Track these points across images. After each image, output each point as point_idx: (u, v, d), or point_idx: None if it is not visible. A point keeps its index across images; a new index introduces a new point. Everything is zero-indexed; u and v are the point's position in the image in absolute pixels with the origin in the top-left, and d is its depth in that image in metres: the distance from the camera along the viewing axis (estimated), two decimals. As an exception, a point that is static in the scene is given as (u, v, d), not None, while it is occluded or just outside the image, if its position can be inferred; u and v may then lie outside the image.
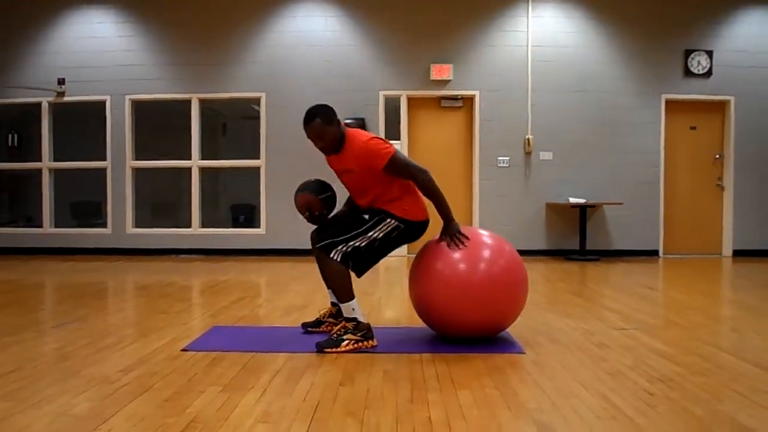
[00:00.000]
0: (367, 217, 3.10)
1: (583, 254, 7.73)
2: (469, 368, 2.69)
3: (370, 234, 3.06)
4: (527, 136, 8.09)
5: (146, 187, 9.17)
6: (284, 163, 8.25)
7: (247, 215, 10.37)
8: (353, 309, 3.03)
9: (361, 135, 3.13)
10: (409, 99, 8.26)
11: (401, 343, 3.17)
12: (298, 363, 2.79)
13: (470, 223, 8.04)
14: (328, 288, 3.37)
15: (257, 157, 8.36)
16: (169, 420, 2.06)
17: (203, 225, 8.49)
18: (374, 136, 3.13)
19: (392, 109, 8.36)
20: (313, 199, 3.32)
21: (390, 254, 3.26)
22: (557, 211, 8.13)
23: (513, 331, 3.41)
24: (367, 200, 3.20)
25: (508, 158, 8.12)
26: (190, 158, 8.45)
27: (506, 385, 2.45)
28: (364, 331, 3.03)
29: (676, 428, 1.99)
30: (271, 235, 8.24)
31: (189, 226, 8.44)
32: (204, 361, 2.81)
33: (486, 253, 3.00)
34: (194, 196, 8.42)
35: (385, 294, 4.92)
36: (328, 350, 2.96)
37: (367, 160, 3.05)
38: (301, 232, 8.13)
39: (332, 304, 3.45)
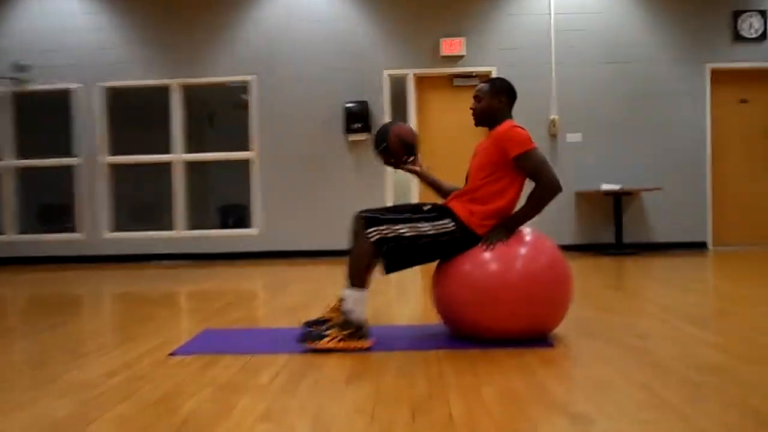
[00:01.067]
0: (428, 207, 3.13)
1: (619, 248, 7.76)
2: (492, 364, 2.73)
3: (421, 226, 3.06)
4: (552, 117, 8.13)
5: (124, 186, 9.26)
6: (279, 154, 8.32)
7: (237, 217, 10.45)
8: (357, 300, 3.05)
9: (513, 123, 3.18)
10: (418, 78, 8.31)
11: (415, 340, 3.21)
12: (301, 362, 2.84)
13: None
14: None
15: (248, 149, 8.43)
16: (160, 421, 2.11)
17: (189, 227, 8.57)
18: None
19: (399, 90, 8.41)
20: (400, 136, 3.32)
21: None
22: (588, 201, 8.16)
23: (542, 325, 3.45)
24: (461, 192, 3.24)
25: (531, 141, 8.15)
26: (172, 152, 8.53)
27: (535, 379, 2.49)
28: (352, 329, 3.02)
29: (731, 418, 2.02)
30: (266, 236, 8.31)
31: (173, 228, 8.52)
32: (195, 364, 2.86)
33: (522, 250, 3.02)
34: (178, 195, 8.50)
35: (397, 293, 4.96)
36: (310, 345, 3.01)
37: (502, 143, 3.09)
38: (299, 231, 8.19)
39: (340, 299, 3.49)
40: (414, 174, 3.44)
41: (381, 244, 3.03)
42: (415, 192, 8.20)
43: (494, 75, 8.14)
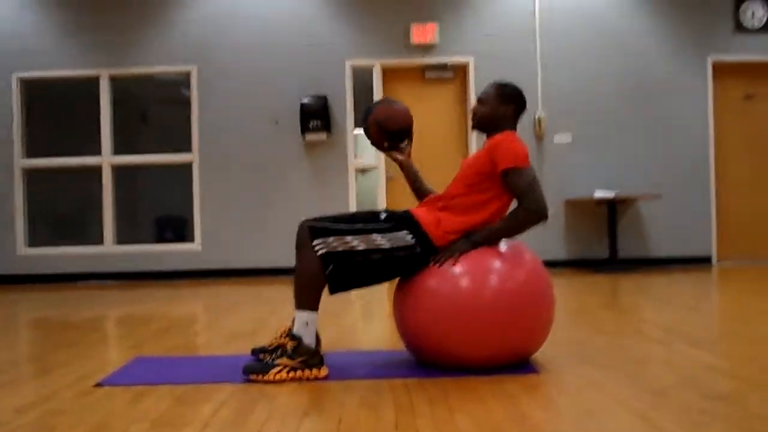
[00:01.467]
0: (383, 216, 3.12)
1: (614, 264, 7.86)
2: (468, 392, 2.73)
3: (375, 238, 3.03)
4: (537, 115, 8.22)
5: (43, 194, 9.13)
6: (224, 157, 8.28)
7: (175, 230, 10.37)
8: (306, 324, 3.03)
9: (514, 135, 3.18)
10: (385, 70, 8.35)
11: (381, 368, 3.20)
12: (249, 393, 2.81)
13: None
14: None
15: (188, 150, 8.37)
16: (81, 462, 2.07)
17: (119, 241, 8.47)
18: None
19: (363, 83, 8.44)
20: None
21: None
22: (579, 210, 8.25)
23: (526, 349, 3.47)
24: (436, 197, 3.25)
25: (514, 142, 8.23)
26: (99, 153, 8.44)
27: (516, 408, 2.50)
28: (305, 356, 3.00)
29: (735, 448, 2.05)
30: (209, 252, 8.25)
31: (101, 243, 8.41)
32: (125, 396, 2.82)
33: (499, 265, 3.03)
34: (106, 204, 8.40)
35: (360, 315, 4.96)
36: (254, 377, 2.98)
37: (494, 153, 3.08)
38: (247, 246, 8.14)
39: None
40: (396, 162, 3.45)
41: (329, 259, 3.01)
42: (382, 201, 8.21)
43: (471, 66, 8.21)
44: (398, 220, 3.11)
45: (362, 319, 4.76)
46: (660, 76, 8.32)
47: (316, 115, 8.07)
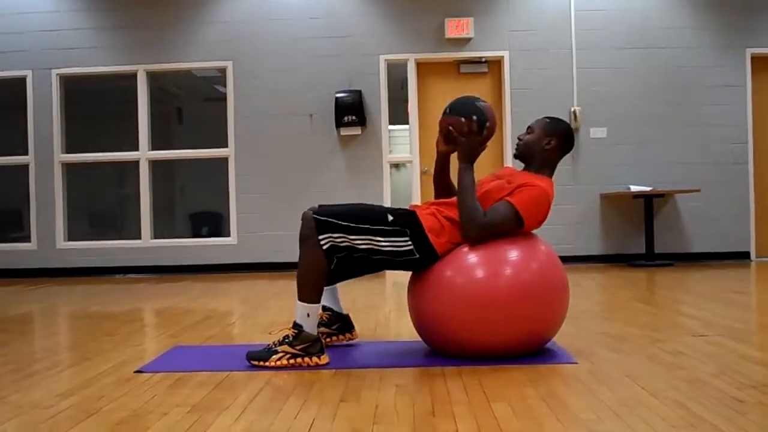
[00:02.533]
0: (391, 218, 3.15)
1: (650, 259, 7.79)
2: (505, 380, 2.75)
3: (379, 240, 3.08)
4: (573, 108, 8.18)
5: (82, 189, 9.28)
6: (259, 152, 8.35)
7: (211, 225, 10.47)
8: (308, 315, 3.09)
9: (547, 185, 3.18)
10: (419, 64, 8.36)
11: (415, 356, 3.25)
12: (286, 380, 2.86)
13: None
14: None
15: (224, 145, 8.45)
16: (124, 442, 2.12)
17: (157, 236, 8.58)
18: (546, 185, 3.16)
19: (397, 78, 8.46)
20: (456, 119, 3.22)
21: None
22: (615, 204, 8.20)
23: (561, 341, 3.47)
24: (451, 200, 3.25)
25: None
26: (137, 149, 8.55)
27: (554, 395, 2.51)
28: (306, 343, 3.08)
29: (774, 436, 2.04)
30: (245, 246, 8.33)
31: (138, 237, 8.52)
32: (165, 382, 2.88)
33: (513, 255, 3.06)
34: (144, 197, 8.51)
35: (395, 306, 4.99)
36: (257, 363, 3.08)
37: (515, 190, 3.09)
38: (282, 240, 8.21)
39: (323, 308, 3.51)
40: (443, 154, 3.42)
41: (332, 253, 3.09)
42: (417, 195, 8.23)
43: (507, 60, 8.19)
44: (402, 224, 3.11)
45: (397, 310, 4.79)
46: (698, 69, 8.23)
47: (351, 110, 8.10)
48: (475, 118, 3.16)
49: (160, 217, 8.88)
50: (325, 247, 3.06)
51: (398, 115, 9.00)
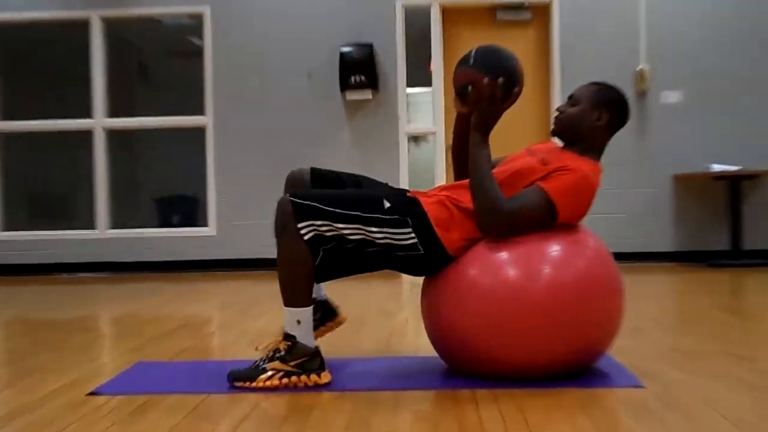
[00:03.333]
0: (388, 205, 3.13)
1: (736, 257, 7.79)
2: (552, 406, 2.74)
3: (372, 231, 3.05)
4: (640, 67, 8.14)
5: (21, 167, 9.30)
6: (244, 119, 8.36)
7: (184, 214, 10.49)
8: (298, 322, 3.07)
9: (592, 170, 3.17)
10: (445, 10, 8.35)
11: (439, 375, 3.24)
12: (278, 405, 2.86)
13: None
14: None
15: (200, 112, 8.46)
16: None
17: (115, 225, 8.60)
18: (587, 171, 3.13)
19: (418, 28, 8.44)
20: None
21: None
22: (692, 188, 8.17)
23: (622, 358, 3.46)
24: (461, 183, 3.23)
25: (609, 103, 8.15)
26: (90, 116, 8.56)
27: (615, 427, 2.50)
28: (302, 358, 3.05)
29: None
30: (226, 238, 8.35)
31: (92, 226, 8.55)
32: (127, 406, 2.88)
33: (554, 251, 3.05)
34: (99, 177, 8.52)
35: (413, 314, 4.98)
36: (240, 384, 3.05)
37: (551, 175, 3.07)
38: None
39: (317, 302, 3.45)
40: (465, 116, 3.33)
41: (316, 244, 3.05)
42: (441, 175, 8.21)
43: (555, 5, 8.16)
44: (403, 212, 3.08)
45: (416, 318, 4.78)
46: (798, 18, 8.19)
47: (360, 68, 8.08)
48: (501, 80, 3.06)
49: (119, 202, 8.90)
50: (307, 237, 3.03)
51: (419, 76, 8.98)
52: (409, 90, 8.48)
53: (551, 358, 3.05)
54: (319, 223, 3.02)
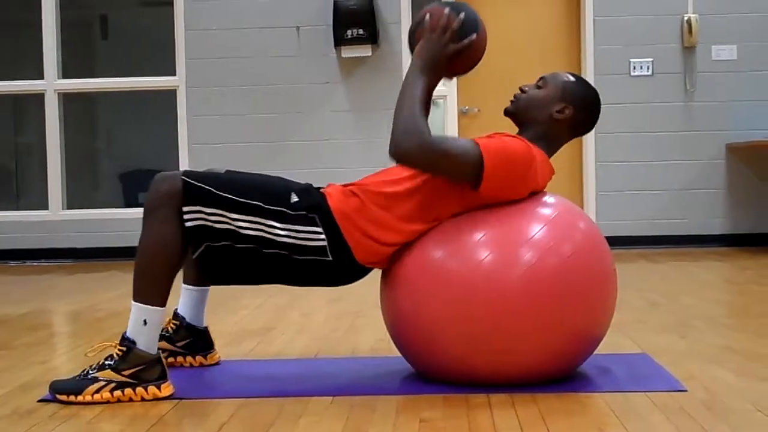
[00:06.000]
0: (295, 199, 3.08)
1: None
2: (580, 413, 2.74)
3: (274, 226, 3.01)
4: (687, 17, 8.12)
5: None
6: (221, 81, 8.35)
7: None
8: (145, 323, 3.05)
9: (527, 142, 3.14)
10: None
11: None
12: (261, 410, 2.86)
13: (580, 190, 8.09)
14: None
15: (170, 72, 8.45)
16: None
17: (71, 205, 8.60)
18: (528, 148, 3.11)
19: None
20: None
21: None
22: (749, 160, 8.17)
23: (663, 358, 3.46)
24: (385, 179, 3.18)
25: (650, 61, 8.17)
26: (41, 76, 8.55)
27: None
28: (138, 366, 3.00)
29: None
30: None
31: (45, 207, 8.55)
32: (83, 415, 2.89)
33: (537, 232, 3.04)
34: (52, 149, 8.52)
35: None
36: (65, 399, 3.00)
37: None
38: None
39: (174, 315, 3.55)
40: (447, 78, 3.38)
41: (200, 235, 3.00)
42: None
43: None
44: (312, 208, 3.06)
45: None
46: None
47: (357, 20, 8.06)
48: (462, 16, 3.06)
49: (76, 178, 8.90)
50: (189, 225, 2.98)
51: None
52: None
53: (526, 359, 3.02)
54: (209, 211, 2.97)
